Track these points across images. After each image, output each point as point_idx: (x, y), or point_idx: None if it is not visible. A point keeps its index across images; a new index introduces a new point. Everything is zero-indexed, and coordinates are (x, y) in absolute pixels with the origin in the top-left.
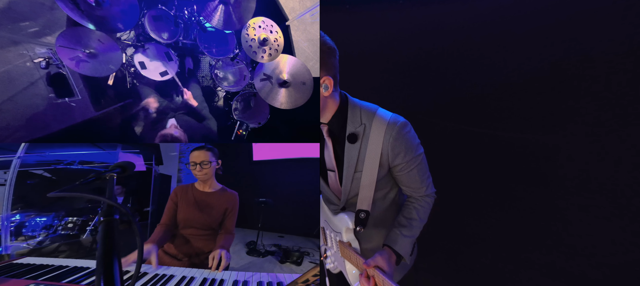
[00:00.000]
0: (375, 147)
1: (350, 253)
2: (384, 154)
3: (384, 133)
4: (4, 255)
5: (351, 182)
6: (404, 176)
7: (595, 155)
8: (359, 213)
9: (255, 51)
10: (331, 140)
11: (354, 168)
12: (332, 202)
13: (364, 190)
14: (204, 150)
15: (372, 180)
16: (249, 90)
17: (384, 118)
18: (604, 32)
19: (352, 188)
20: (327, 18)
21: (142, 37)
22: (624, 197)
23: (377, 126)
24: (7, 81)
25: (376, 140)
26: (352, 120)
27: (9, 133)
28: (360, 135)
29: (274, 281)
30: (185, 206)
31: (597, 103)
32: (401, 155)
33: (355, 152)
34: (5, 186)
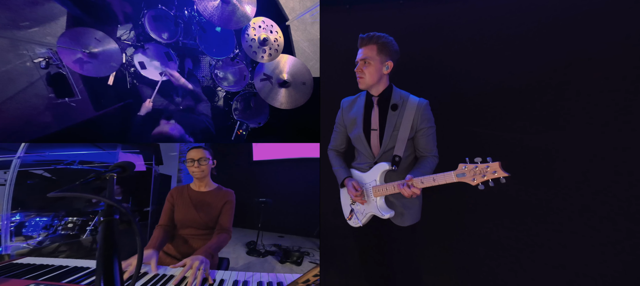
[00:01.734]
0: (409, 115)
1: (386, 187)
2: (415, 120)
3: (415, 106)
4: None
5: (389, 138)
6: (423, 138)
7: (595, 155)
8: (395, 157)
9: (255, 51)
10: (379, 108)
11: (393, 127)
12: (365, 161)
13: (399, 143)
14: (201, 148)
15: (405, 137)
16: (249, 90)
17: (415, 98)
18: (604, 32)
19: (389, 142)
20: (327, 18)
21: (142, 37)
22: (624, 197)
23: (411, 102)
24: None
25: (410, 111)
26: (395, 96)
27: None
28: (399, 105)
29: (274, 281)
30: (182, 206)
31: (598, 103)
32: (424, 123)
33: (395, 117)
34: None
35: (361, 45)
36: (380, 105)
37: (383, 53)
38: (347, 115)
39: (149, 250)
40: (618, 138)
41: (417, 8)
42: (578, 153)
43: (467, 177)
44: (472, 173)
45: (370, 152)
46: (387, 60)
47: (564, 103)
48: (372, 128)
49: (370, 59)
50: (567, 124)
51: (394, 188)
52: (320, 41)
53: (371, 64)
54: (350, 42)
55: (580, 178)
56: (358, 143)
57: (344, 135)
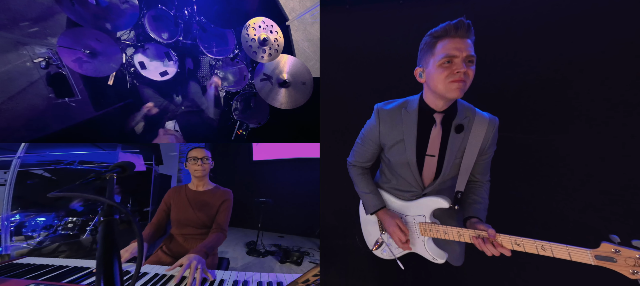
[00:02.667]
0: (477, 137)
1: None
2: (484, 144)
3: (486, 126)
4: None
5: (451, 168)
6: (484, 163)
7: (596, 156)
8: (457, 194)
9: (255, 51)
10: (442, 129)
11: (455, 155)
12: (407, 189)
13: (462, 174)
14: (201, 148)
15: (470, 166)
16: (249, 90)
17: (484, 116)
18: (604, 32)
19: (450, 173)
20: (327, 18)
21: (142, 37)
22: (625, 197)
23: (480, 119)
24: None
25: (479, 132)
26: (460, 113)
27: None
28: (464, 126)
29: (274, 281)
30: (179, 207)
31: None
32: (493, 147)
33: (459, 141)
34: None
35: (461, 36)
36: (444, 124)
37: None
38: (387, 129)
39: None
40: (619, 138)
41: (417, 8)
42: (579, 153)
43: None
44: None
45: (419, 182)
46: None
47: (565, 104)
48: (429, 153)
49: (475, 58)
50: (568, 124)
51: (458, 235)
52: (320, 41)
53: (474, 64)
54: (350, 42)
55: (581, 178)
56: (402, 169)
57: (374, 152)
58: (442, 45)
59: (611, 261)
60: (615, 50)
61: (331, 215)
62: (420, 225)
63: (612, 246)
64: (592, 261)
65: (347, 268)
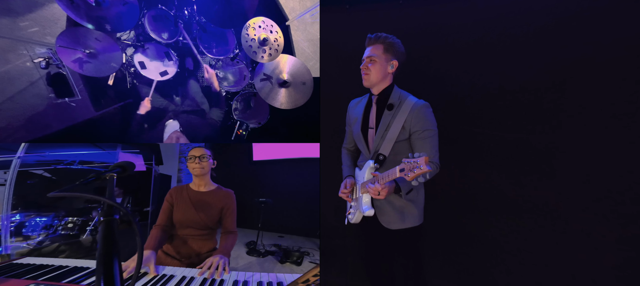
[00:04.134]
0: (402, 115)
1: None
2: (407, 121)
3: (410, 107)
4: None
5: (381, 137)
6: (418, 142)
7: (596, 156)
8: (379, 156)
9: (255, 51)
10: (376, 107)
11: (386, 127)
12: (363, 159)
13: (386, 142)
14: (201, 147)
15: (393, 137)
16: (249, 90)
17: (413, 99)
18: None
19: (380, 141)
20: (327, 18)
21: (142, 37)
22: (625, 197)
23: (407, 103)
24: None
25: (404, 111)
26: (393, 96)
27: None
28: (395, 105)
29: (274, 281)
30: (181, 207)
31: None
32: (419, 124)
33: (389, 116)
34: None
35: (368, 44)
36: (378, 104)
37: (389, 52)
38: (351, 114)
39: (148, 251)
40: (618, 138)
41: (417, 8)
42: (579, 153)
43: (405, 170)
44: (409, 167)
45: (367, 151)
46: (393, 60)
47: (564, 104)
48: (369, 126)
49: (377, 57)
50: (568, 124)
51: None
52: (320, 41)
53: (377, 62)
54: (350, 42)
55: (581, 178)
56: (358, 141)
57: (351, 135)
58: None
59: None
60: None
61: (331, 215)
62: (361, 185)
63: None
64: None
65: (347, 268)
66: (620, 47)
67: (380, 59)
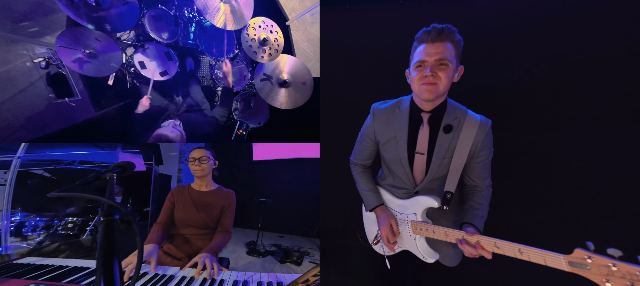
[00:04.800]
0: (468, 139)
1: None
2: (474, 146)
3: (477, 128)
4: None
5: (439, 167)
6: (480, 166)
7: (596, 156)
8: (446, 194)
9: (255, 51)
10: (429, 127)
11: (444, 153)
12: (402, 186)
13: (452, 174)
14: (202, 148)
15: (460, 166)
16: (249, 90)
17: (476, 117)
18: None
19: (438, 171)
20: (327, 18)
21: (142, 37)
22: (625, 197)
23: (470, 121)
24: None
25: (469, 133)
26: (449, 114)
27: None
28: (454, 127)
29: (274, 281)
30: (182, 206)
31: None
32: (485, 149)
33: (448, 140)
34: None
35: (432, 40)
36: (431, 123)
37: (458, 54)
38: (382, 128)
39: (150, 245)
40: (619, 138)
41: (417, 8)
42: (579, 153)
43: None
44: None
45: (411, 179)
46: (460, 65)
47: (564, 104)
48: (418, 151)
49: (449, 60)
50: (568, 124)
51: (445, 235)
52: (320, 41)
53: (449, 67)
54: (350, 42)
55: (581, 178)
56: (396, 166)
57: (372, 150)
58: (419, 50)
59: (584, 269)
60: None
61: (331, 215)
62: (412, 223)
63: (585, 253)
64: (566, 267)
65: (347, 268)
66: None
67: (452, 63)
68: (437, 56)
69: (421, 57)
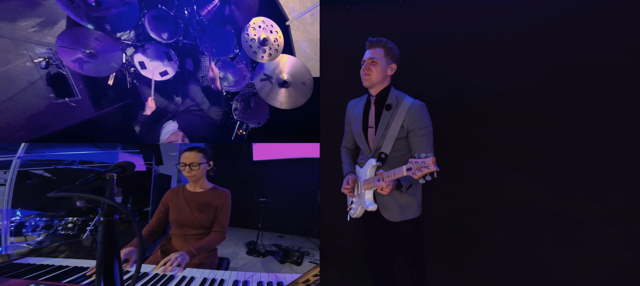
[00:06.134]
0: (401, 115)
1: (371, 181)
2: (405, 121)
3: (407, 107)
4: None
5: (381, 136)
6: (415, 139)
7: (596, 155)
8: (381, 154)
9: (255, 51)
10: (375, 107)
11: (385, 126)
12: (364, 157)
13: (387, 140)
14: (195, 151)
15: (393, 135)
16: (249, 90)
17: (409, 99)
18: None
19: (380, 140)
20: (327, 18)
21: (142, 37)
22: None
23: (404, 103)
24: (7, 81)
25: (402, 111)
26: (391, 97)
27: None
28: (393, 105)
29: (274, 281)
30: (177, 208)
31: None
32: (416, 123)
33: (388, 116)
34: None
35: (369, 47)
36: (377, 104)
37: (389, 56)
38: (350, 113)
39: (129, 247)
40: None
41: (417, 8)
42: (579, 153)
43: (413, 170)
44: (416, 167)
45: (368, 148)
46: (392, 63)
47: (564, 104)
48: (369, 125)
49: (378, 59)
50: (568, 124)
51: (373, 182)
52: (320, 41)
53: (378, 64)
54: (350, 42)
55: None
56: (358, 140)
57: (350, 134)
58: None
59: (410, 171)
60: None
61: (331, 215)
62: (363, 183)
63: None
64: (405, 173)
65: (347, 268)
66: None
67: (381, 61)
68: (370, 56)
69: (364, 58)
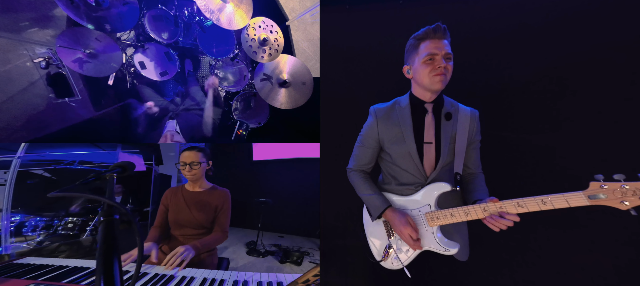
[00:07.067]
0: (464, 125)
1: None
2: (470, 131)
3: (469, 116)
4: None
5: (448, 152)
6: (475, 153)
7: (596, 155)
8: (456, 175)
9: (255, 51)
10: (434, 117)
11: (449, 139)
12: (412, 183)
13: (458, 157)
14: (194, 150)
15: (463, 150)
16: (249, 90)
17: (466, 107)
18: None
19: (448, 157)
20: (327, 18)
21: (142, 37)
22: None
23: (464, 111)
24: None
25: (464, 120)
26: (447, 103)
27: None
28: (453, 114)
29: (274, 281)
30: (176, 207)
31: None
32: (478, 134)
33: (450, 127)
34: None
35: (439, 37)
36: (435, 112)
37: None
38: (385, 126)
39: (149, 242)
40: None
41: (417, 8)
42: (579, 153)
43: (611, 199)
44: (618, 195)
45: (421, 171)
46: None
47: (564, 104)
48: (426, 141)
49: (451, 54)
50: (568, 124)
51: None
52: (320, 41)
53: (452, 60)
54: (350, 42)
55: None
56: (404, 161)
57: (374, 152)
58: (425, 46)
59: (601, 198)
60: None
61: (331, 215)
62: (426, 216)
63: (598, 184)
64: (587, 201)
65: (347, 268)
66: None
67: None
68: (445, 50)
69: (431, 51)
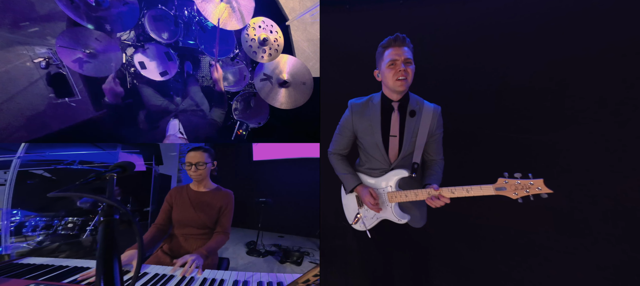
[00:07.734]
0: (426, 121)
1: (405, 194)
2: (431, 127)
3: (432, 113)
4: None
5: (409, 145)
6: (434, 143)
7: (596, 155)
8: (414, 165)
9: (255, 51)
10: (399, 114)
11: (412, 134)
12: (378, 167)
13: (417, 149)
14: (200, 151)
15: (423, 143)
16: (249, 90)
17: (429, 104)
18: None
19: (409, 149)
20: (327, 18)
21: (142, 37)
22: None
23: (427, 108)
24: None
25: (427, 117)
26: (412, 102)
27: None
28: (417, 112)
29: (274, 281)
30: (180, 207)
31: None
32: (439, 128)
33: (413, 123)
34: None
35: (399, 45)
36: (400, 110)
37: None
38: (358, 120)
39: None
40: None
41: (417, 8)
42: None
43: (508, 191)
44: (513, 188)
45: (386, 158)
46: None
47: (564, 104)
48: (391, 134)
49: (412, 59)
50: (568, 124)
51: (415, 195)
52: (320, 41)
53: (412, 64)
54: (350, 42)
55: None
56: (373, 150)
57: (350, 140)
58: (388, 53)
59: (503, 190)
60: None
61: (331, 215)
62: (388, 194)
63: (504, 179)
64: (494, 192)
65: (347, 268)
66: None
67: (413, 61)
68: (405, 56)
69: (393, 57)
